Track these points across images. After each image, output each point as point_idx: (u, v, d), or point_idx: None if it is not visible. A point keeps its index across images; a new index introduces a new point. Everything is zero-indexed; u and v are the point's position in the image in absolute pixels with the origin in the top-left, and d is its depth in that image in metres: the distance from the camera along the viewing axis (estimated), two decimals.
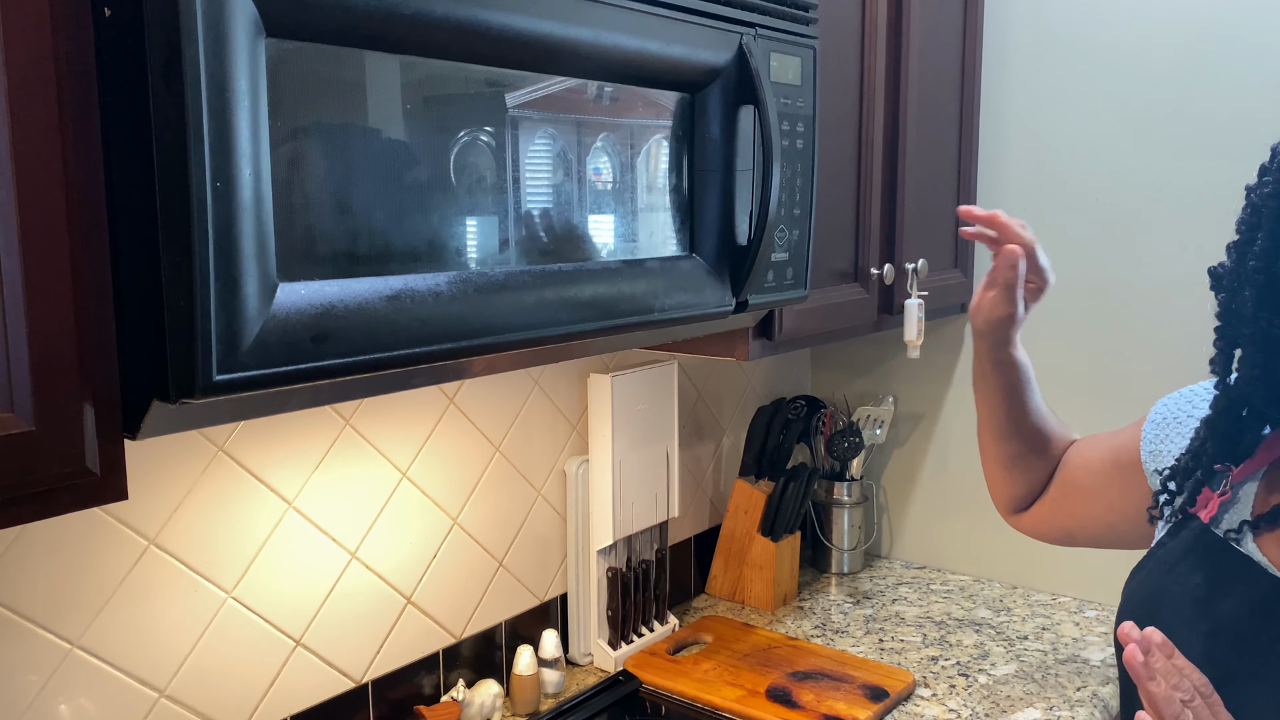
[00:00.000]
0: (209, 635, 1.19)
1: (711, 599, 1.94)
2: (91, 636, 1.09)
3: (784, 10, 1.23)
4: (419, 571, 1.43)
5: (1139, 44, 1.76)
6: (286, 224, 0.76)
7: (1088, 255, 1.84)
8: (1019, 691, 1.57)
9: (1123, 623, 0.76)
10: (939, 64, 1.77)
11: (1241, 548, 0.83)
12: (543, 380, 1.58)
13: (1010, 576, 2.00)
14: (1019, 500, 1.23)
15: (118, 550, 1.11)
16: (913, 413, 2.09)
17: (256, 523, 1.23)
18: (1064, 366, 1.87)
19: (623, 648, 1.64)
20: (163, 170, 0.70)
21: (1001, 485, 1.23)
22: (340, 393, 0.92)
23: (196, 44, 0.68)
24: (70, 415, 0.71)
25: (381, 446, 1.36)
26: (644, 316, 1.08)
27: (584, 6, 0.96)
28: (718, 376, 1.96)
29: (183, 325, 0.71)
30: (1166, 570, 0.88)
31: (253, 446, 1.22)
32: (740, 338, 1.40)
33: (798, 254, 1.29)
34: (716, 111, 1.16)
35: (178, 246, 0.70)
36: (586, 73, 1.02)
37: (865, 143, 1.58)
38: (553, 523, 1.63)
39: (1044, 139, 1.86)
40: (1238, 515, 0.87)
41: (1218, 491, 0.87)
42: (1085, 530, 1.15)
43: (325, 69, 0.79)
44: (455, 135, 0.90)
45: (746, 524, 1.89)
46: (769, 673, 1.59)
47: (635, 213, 1.11)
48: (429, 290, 0.86)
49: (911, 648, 1.72)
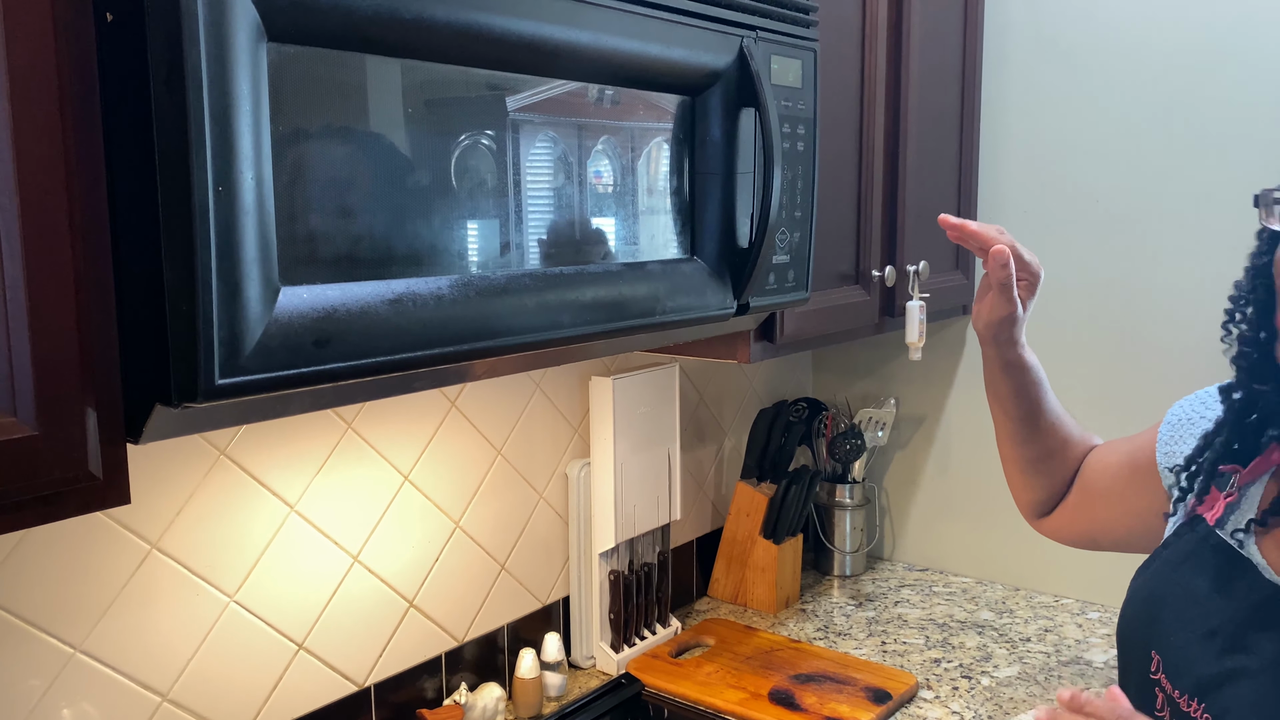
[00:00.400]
0: (211, 639, 1.19)
1: (714, 602, 1.93)
2: (94, 641, 1.09)
3: (784, 13, 1.23)
4: (421, 575, 1.43)
5: (1139, 46, 1.76)
6: (288, 228, 0.77)
7: (1089, 257, 1.84)
8: (1022, 693, 1.57)
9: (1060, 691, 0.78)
10: (939, 66, 1.77)
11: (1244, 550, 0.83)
12: (544, 383, 1.58)
13: (1013, 578, 2.00)
14: (1042, 504, 1.22)
15: (120, 554, 1.11)
16: (914, 415, 2.09)
17: (259, 526, 1.23)
18: (1065, 369, 1.87)
19: (625, 651, 1.64)
20: (165, 174, 0.70)
21: (1023, 490, 1.23)
22: (342, 396, 0.92)
23: (198, 48, 0.68)
24: (72, 419, 0.71)
25: (383, 450, 1.36)
26: (645, 319, 1.08)
27: (584, 10, 0.97)
28: (719, 379, 1.96)
29: (185, 329, 0.71)
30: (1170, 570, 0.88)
31: (255, 450, 1.22)
32: (741, 340, 1.40)
33: (799, 256, 1.29)
34: (717, 114, 1.16)
35: (180, 250, 0.70)
36: (587, 76, 1.03)
37: (866, 145, 1.58)
38: (555, 526, 1.63)
39: (1045, 141, 1.87)
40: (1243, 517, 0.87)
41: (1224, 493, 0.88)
42: (1107, 534, 1.15)
43: (327, 73, 0.79)
44: (456, 139, 0.91)
45: (748, 527, 1.89)
46: (771, 675, 1.58)
47: (636, 216, 1.12)
48: (431, 294, 0.86)
49: (914, 650, 1.72)
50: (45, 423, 0.70)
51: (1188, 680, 0.82)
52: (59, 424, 0.71)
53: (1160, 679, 0.84)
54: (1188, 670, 0.82)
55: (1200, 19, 1.70)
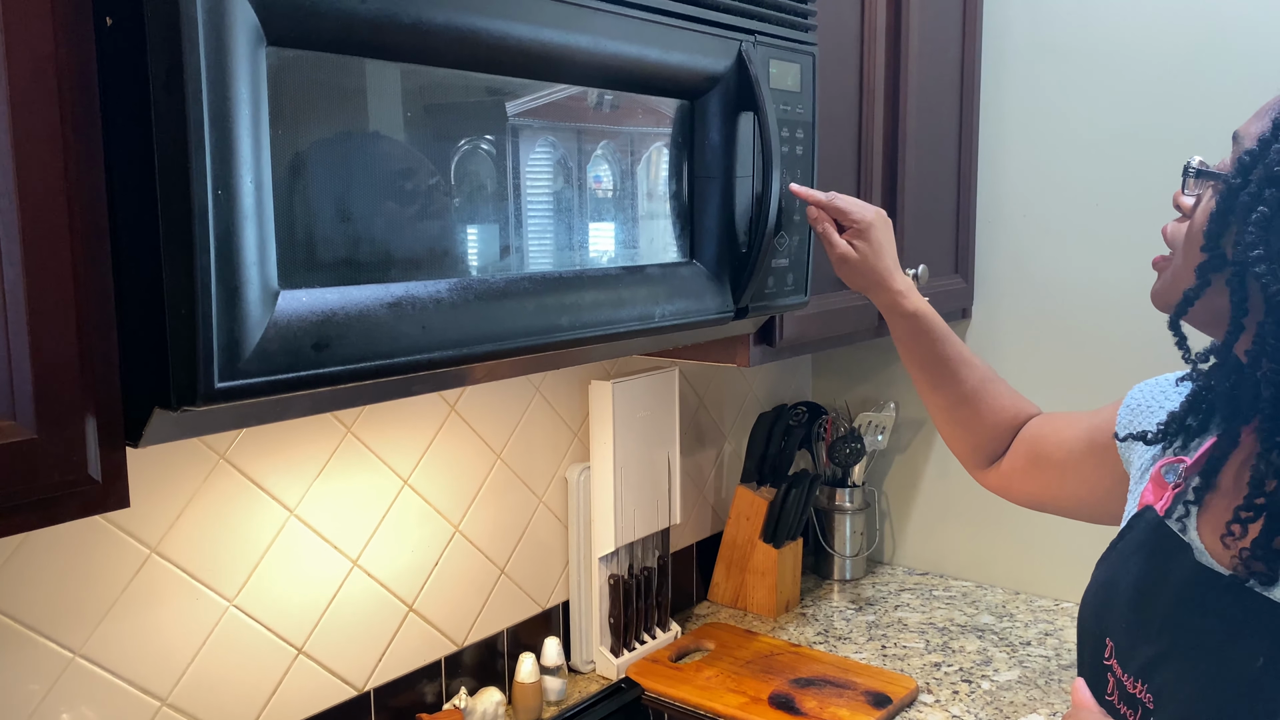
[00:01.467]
0: (211, 643, 1.19)
1: (713, 606, 1.93)
2: (93, 645, 1.09)
3: (783, 17, 1.24)
4: (421, 579, 1.43)
5: (1137, 48, 1.76)
6: (288, 231, 0.77)
7: (1088, 259, 1.84)
8: (1022, 697, 1.57)
9: None
10: (938, 69, 1.77)
11: (1184, 535, 0.85)
12: (544, 387, 1.58)
13: (1013, 582, 2.00)
14: (971, 455, 1.26)
15: (119, 558, 1.11)
16: (914, 418, 2.09)
17: (258, 531, 1.23)
18: (1067, 368, 1.87)
19: (625, 655, 1.64)
20: (164, 178, 0.70)
21: (951, 440, 1.27)
22: (341, 400, 0.92)
23: (198, 53, 0.69)
24: (72, 423, 0.72)
25: (383, 454, 1.36)
26: (645, 323, 1.08)
27: (583, 14, 0.97)
28: (719, 383, 1.96)
29: (184, 333, 0.71)
30: (1122, 560, 0.91)
31: (254, 454, 1.22)
32: (741, 344, 1.40)
33: (798, 260, 1.29)
34: (716, 118, 1.16)
35: (179, 254, 0.70)
36: (586, 80, 1.03)
37: (865, 148, 1.58)
38: (554, 530, 1.63)
39: (1044, 143, 1.87)
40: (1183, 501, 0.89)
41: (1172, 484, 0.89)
42: (1055, 501, 1.19)
43: (326, 77, 0.79)
44: (456, 143, 0.91)
45: (748, 530, 1.89)
46: (771, 680, 1.58)
47: (635, 219, 1.12)
48: (430, 297, 0.86)
49: (914, 654, 1.72)
50: (45, 426, 0.70)
51: (1134, 663, 0.84)
52: (58, 427, 0.71)
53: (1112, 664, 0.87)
54: (1134, 653, 0.84)
55: (1197, 23, 1.70)
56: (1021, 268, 1.92)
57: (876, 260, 1.22)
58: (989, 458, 1.25)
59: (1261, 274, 0.75)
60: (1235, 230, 0.78)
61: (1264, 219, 0.75)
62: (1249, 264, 0.75)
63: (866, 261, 1.22)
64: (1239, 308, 0.79)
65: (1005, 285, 1.94)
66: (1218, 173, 0.83)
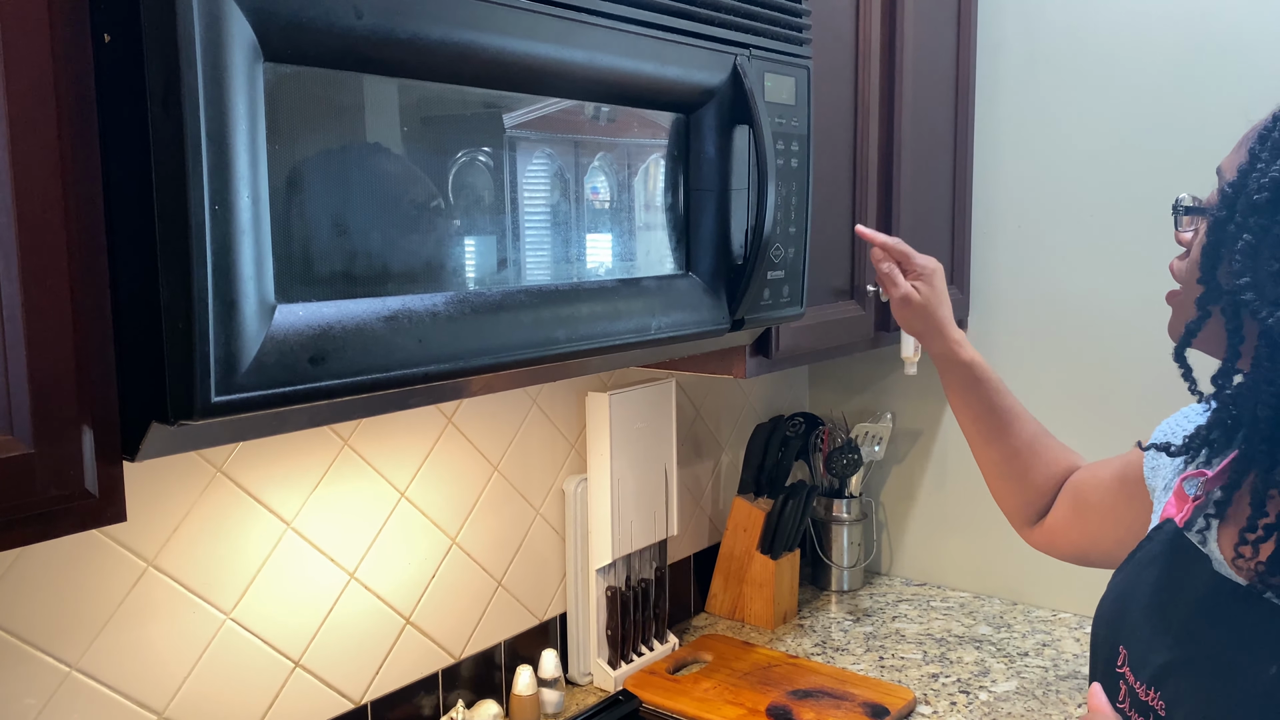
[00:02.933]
0: (207, 657, 1.19)
1: (711, 617, 1.93)
2: (90, 659, 1.09)
3: (777, 31, 1.24)
4: (418, 592, 1.43)
5: (1131, 59, 1.77)
6: (284, 245, 0.77)
7: (1083, 271, 1.85)
8: (1020, 708, 1.57)
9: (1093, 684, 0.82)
10: (933, 82, 1.78)
11: (1204, 547, 0.85)
12: (541, 399, 1.59)
13: (1010, 593, 2.00)
14: (1023, 511, 1.25)
15: (116, 572, 1.11)
16: (911, 429, 2.09)
17: (255, 543, 1.23)
18: (1057, 381, 1.87)
19: (622, 667, 1.64)
20: (161, 193, 0.70)
21: (1002, 496, 1.26)
22: (338, 413, 0.92)
23: (195, 69, 0.69)
24: (69, 437, 0.72)
25: (380, 466, 1.36)
26: (641, 335, 1.08)
27: (578, 29, 0.97)
28: (716, 394, 1.96)
29: (181, 347, 0.71)
30: (1139, 570, 0.92)
31: (251, 467, 1.22)
32: (737, 355, 1.41)
33: (794, 272, 1.29)
34: (712, 131, 1.16)
35: (176, 269, 0.71)
36: (582, 94, 1.03)
37: (860, 160, 1.59)
38: (551, 542, 1.63)
39: (1039, 156, 1.87)
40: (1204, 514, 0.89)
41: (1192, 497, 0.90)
42: (1097, 547, 1.17)
43: (323, 92, 0.79)
44: (453, 156, 0.91)
45: (746, 542, 1.89)
46: (769, 691, 1.58)
47: (632, 232, 1.12)
48: (427, 310, 0.87)
49: (912, 665, 1.72)
50: (41, 440, 0.70)
51: (1147, 670, 0.85)
52: (55, 442, 0.71)
53: (1125, 671, 0.88)
54: (1148, 661, 0.85)
55: (1191, 35, 1.71)
56: (1017, 279, 1.92)
57: (938, 306, 1.25)
58: (1038, 514, 1.24)
59: (1249, 301, 0.77)
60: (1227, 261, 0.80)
61: (1249, 247, 0.77)
62: (1238, 291, 0.78)
63: (929, 306, 1.24)
64: (1234, 334, 0.81)
65: (1001, 297, 1.94)
66: (1205, 208, 0.86)
